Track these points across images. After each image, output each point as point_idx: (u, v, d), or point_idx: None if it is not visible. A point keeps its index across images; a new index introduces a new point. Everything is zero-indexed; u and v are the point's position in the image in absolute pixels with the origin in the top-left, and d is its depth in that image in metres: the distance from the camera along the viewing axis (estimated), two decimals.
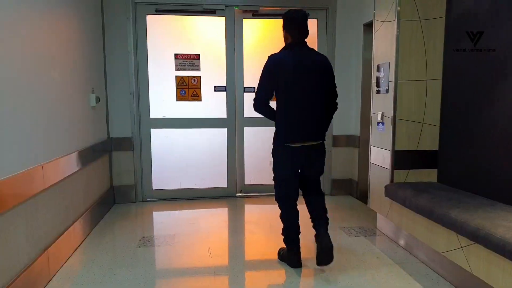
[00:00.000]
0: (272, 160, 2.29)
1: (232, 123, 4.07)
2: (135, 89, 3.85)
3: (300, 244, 2.40)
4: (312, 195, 2.39)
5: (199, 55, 3.94)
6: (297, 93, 2.13)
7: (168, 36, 3.94)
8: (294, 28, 2.20)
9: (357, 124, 4.04)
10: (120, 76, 3.78)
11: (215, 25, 3.99)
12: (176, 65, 3.92)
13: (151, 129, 3.99)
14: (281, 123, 2.19)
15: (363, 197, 4.03)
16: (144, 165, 4.01)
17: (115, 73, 3.77)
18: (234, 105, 4.05)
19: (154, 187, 4.06)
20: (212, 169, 4.14)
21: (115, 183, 3.90)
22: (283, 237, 2.37)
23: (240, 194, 4.17)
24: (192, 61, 3.93)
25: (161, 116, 3.99)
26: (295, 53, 2.17)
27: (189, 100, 3.98)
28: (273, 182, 2.35)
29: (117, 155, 3.87)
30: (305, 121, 2.16)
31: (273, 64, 2.16)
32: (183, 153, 4.09)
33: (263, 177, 3.95)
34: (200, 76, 3.96)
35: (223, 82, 4.02)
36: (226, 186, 4.16)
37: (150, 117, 3.97)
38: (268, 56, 2.20)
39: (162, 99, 3.98)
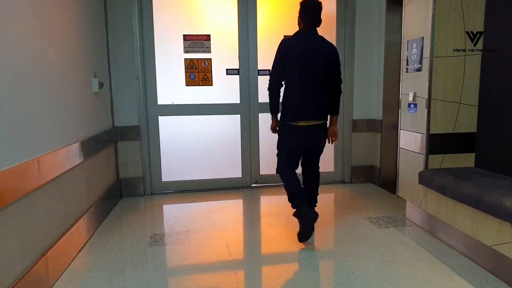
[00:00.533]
0: (278, 137, 2.51)
1: (246, 109, 3.84)
2: (141, 74, 3.61)
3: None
4: (310, 175, 2.60)
5: (209, 36, 3.69)
6: (304, 76, 2.31)
7: (176, 16, 3.68)
8: (308, 15, 2.38)
9: (379, 108, 3.81)
10: (125, 60, 3.54)
11: (227, 2, 3.73)
12: (185, 47, 3.67)
13: (159, 117, 3.77)
14: (288, 103, 2.40)
15: (386, 184, 3.82)
16: (153, 155, 3.80)
17: (119, 56, 3.53)
18: (247, 89, 3.81)
19: (163, 179, 3.86)
20: (225, 158, 3.93)
21: (121, 175, 3.70)
22: (290, 204, 2.44)
23: (256, 184, 3.97)
24: (202, 43, 3.68)
25: (169, 103, 3.75)
26: (306, 39, 2.36)
27: (199, 85, 3.74)
28: None
29: (123, 145, 3.66)
30: (309, 102, 2.35)
31: (283, 47, 2.37)
32: (193, 142, 3.87)
33: None
34: (210, 59, 3.72)
35: (235, 65, 3.78)
36: (241, 176, 3.95)
37: (158, 103, 3.74)
38: (281, 40, 2.43)
39: (170, 84, 3.74)
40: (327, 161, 4.04)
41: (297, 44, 2.34)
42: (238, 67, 3.77)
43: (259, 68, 3.77)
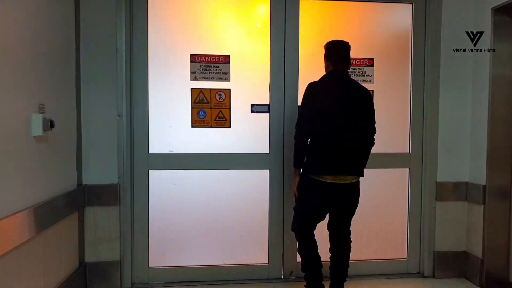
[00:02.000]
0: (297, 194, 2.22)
1: (278, 162, 2.65)
2: (126, 109, 2.49)
3: None
4: (338, 242, 2.24)
5: (228, 57, 2.58)
6: (335, 124, 2.09)
7: (182, 28, 2.60)
8: (336, 56, 2.18)
9: (480, 165, 2.58)
10: (103, 88, 2.42)
11: (254, 11, 2.66)
12: (192, 72, 2.56)
13: (150, 171, 2.59)
14: (313, 154, 2.13)
15: (493, 283, 2.52)
16: (137, 228, 2.59)
17: (94, 82, 2.41)
18: (281, 134, 2.64)
19: (151, 264, 2.63)
20: (245, 236, 2.69)
21: (88, 258, 2.48)
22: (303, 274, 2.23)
23: (290, 276, 2.67)
24: (217, 67, 2.56)
25: (166, 151, 2.58)
26: (335, 82, 2.16)
27: (211, 126, 2.59)
28: None
29: (93, 213, 2.46)
30: (341, 154, 2.08)
31: (311, 92, 2.15)
32: (199, 209, 2.65)
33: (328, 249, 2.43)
34: (229, 90, 2.58)
35: (265, 99, 2.63)
36: (267, 263, 2.68)
37: (150, 152, 2.56)
38: (308, 84, 2.19)
39: (169, 124, 2.58)
40: (396, 243, 2.79)
41: (325, 89, 2.15)
42: (268, 103, 2.63)
43: (300, 103, 2.59)
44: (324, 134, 2.09)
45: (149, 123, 2.56)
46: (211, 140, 2.60)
